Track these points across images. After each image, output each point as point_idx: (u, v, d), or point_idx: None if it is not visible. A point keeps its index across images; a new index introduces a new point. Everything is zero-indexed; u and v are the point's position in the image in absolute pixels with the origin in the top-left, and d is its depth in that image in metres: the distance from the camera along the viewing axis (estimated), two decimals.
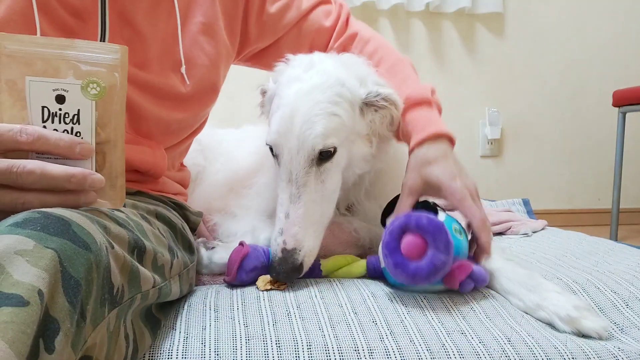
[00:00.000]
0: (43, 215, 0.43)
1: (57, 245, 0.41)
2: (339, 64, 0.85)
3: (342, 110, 0.79)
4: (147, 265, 0.58)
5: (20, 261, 0.38)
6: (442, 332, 0.63)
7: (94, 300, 0.43)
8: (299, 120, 0.76)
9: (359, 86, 0.83)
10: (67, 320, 0.39)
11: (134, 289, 0.52)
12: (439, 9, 2.54)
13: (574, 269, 0.83)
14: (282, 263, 0.73)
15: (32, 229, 0.41)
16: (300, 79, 0.80)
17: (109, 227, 0.51)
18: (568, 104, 2.77)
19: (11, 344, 0.34)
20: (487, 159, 2.74)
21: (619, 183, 2.29)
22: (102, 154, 0.53)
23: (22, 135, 0.48)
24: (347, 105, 0.80)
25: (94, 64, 0.51)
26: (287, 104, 0.78)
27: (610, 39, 2.76)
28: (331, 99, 0.78)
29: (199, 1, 0.86)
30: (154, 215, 0.73)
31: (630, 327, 0.67)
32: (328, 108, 0.78)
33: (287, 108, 0.77)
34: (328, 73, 0.81)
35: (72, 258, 0.41)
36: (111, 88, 0.52)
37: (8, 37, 0.49)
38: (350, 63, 0.87)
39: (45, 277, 0.38)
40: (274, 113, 0.80)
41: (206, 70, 0.87)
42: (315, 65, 0.83)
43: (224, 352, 0.58)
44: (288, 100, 0.78)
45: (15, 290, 0.36)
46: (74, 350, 0.40)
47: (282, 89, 0.81)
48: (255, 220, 0.95)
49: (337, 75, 0.81)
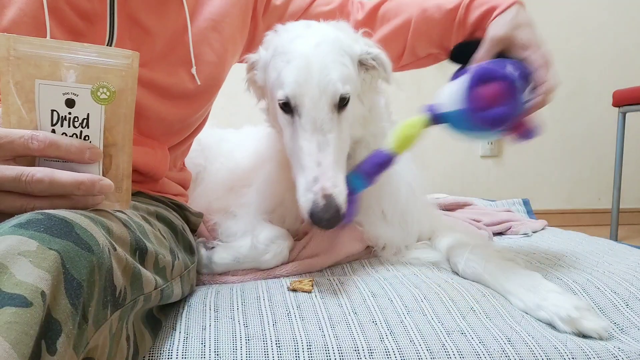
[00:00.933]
0: (46, 216, 0.44)
1: (60, 246, 0.41)
2: (332, 25, 0.87)
3: (348, 62, 0.82)
4: (149, 266, 0.58)
5: (23, 262, 0.38)
6: (442, 332, 0.63)
7: (96, 302, 0.43)
8: (316, 68, 0.77)
9: (353, 44, 0.85)
10: (69, 322, 0.39)
11: (136, 291, 0.52)
12: None
13: (574, 269, 0.83)
14: (326, 210, 0.71)
15: (35, 230, 0.41)
16: (303, 35, 0.82)
17: (112, 229, 0.51)
18: (568, 103, 2.77)
19: (14, 344, 0.34)
20: (487, 159, 2.74)
21: (619, 183, 2.29)
22: (109, 157, 0.54)
23: (33, 142, 0.48)
24: (349, 59, 0.83)
25: (104, 69, 0.51)
26: (299, 55, 0.78)
27: (610, 39, 2.76)
28: (337, 51, 0.80)
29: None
30: (154, 216, 0.73)
31: (630, 327, 0.67)
32: (338, 57, 0.80)
33: (301, 59, 0.78)
34: (326, 31, 0.83)
35: (74, 260, 0.41)
36: (120, 92, 0.52)
37: (18, 39, 0.49)
38: (341, 26, 0.89)
39: (47, 279, 0.38)
40: (282, 69, 0.79)
41: (213, 67, 0.88)
42: (312, 26, 0.85)
43: (224, 352, 0.58)
44: (299, 53, 0.79)
45: (19, 291, 0.36)
46: (75, 352, 0.40)
47: (286, 46, 0.81)
48: (255, 219, 0.95)
49: (334, 33, 0.83)
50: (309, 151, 0.76)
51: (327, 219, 0.71)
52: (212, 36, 0.87)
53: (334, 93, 0.77)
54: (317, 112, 0.76)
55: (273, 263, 0.86)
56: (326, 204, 0.71)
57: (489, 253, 0.87)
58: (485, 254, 0.85)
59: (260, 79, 0.89)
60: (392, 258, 0.93)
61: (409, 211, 0.98)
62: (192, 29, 0.83)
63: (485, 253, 0.86)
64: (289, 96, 0.78)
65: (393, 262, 0.91)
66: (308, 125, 0.77)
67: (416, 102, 2.32)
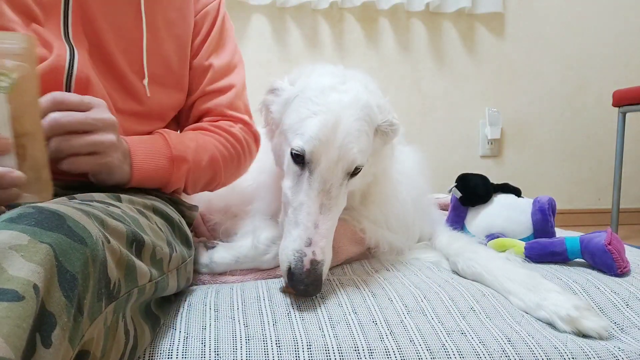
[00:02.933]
0: (37, 210, 0.44)
1: (52, 240, 0.41)
2: (364, 86, 0.83)
3: (370, 131, 0.80)
4: (145, 258, 0.58)
5: (15, 256, 0.38)
6: (442, 332, 0.63)
7: (91, 294, 0.43)
8: (342, 132, 0.74)
9: (378, 112, 0.83)
10: (63, 315, 0.39)
11: (130, 283, 0.52)
12: (439, 9, 2.54)
13: (574, 269, 0.83)
14: (309, 275, 0.70)
15: (26, 224, 0.41)
16: (338, 89, 0.79)
17: (106, 221, 0.50)
18: (568, 103, 2.77)
19: (7, 338, 0.34)
20: (487, 159, 2.74)
21: (619, 183, 2.29)
22: (23, 147, 0.52)
23: None
24: (371, 127, 0.81)
25: (0, 55, 0.49)
26: (328, 111, 0.75)
27: (610, 39, 2.76)
28: (365, 118, 0.78)
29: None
30: (150, 209, 0.73)
31: (630, 327, 0.67)
32: (364, 126, 0.77)
33: (330, 116, 0.75)
34: (360, 94, 0.80)
35: (67, 252, 0.41)
36: (22, 79, 0.50)
37: None
38: (371, 89, 0.85)
39: (40, 272, 0.38)
40: (306, 118, 0.76)
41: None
42: (348, 82, 0.81)
43: (224, 352, 0.58)
44: (329, 108, 0.75)
45: (10, 286, 0.36)
46: (71, 345, 0.40)
47: (316, 94, 0.78)
48: (256, 220, 0.95)
49: (366, 97, 0.80)
50: (309, 210, 0.73)
51: (307, 284, 0.69)
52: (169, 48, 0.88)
53: (352, 163, 0.75)
54: (330, 176, 0.74)
55: (273, 264, 0.86)
56: (310, 269, 0.70)
57: (488, 253, 0.87)
58: (485, 254, 0.85)
59: (276, 110, 0.86)
60: (392, 258, 0.93)
61: (411, 215, 0.98)
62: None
63: (485, 253, 0.86)
64: (307, 150, 0.74)
65: (393, 262, 0.91)
66: (316, 184, 0.74)
67: (416, 102, 2.34)
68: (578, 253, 0.85)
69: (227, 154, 0.91)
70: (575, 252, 0.85)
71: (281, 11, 2.45)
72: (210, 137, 0.90)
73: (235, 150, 0.94)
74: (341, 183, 0.76)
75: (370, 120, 0.79)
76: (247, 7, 2.40)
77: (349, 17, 2.49)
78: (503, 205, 1.04)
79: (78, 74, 0.75)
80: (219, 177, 0.91)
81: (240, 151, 0.95)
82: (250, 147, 0.99)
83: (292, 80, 0.86)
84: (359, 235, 0.91)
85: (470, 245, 0.91)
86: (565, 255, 0.86)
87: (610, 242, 0.80)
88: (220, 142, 0.91)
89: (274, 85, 0.87)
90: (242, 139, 0.96)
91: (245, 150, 0.97)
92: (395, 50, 2.56)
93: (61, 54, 0.74)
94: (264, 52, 2.44)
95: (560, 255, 0.87)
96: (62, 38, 0.76)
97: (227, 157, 0.91)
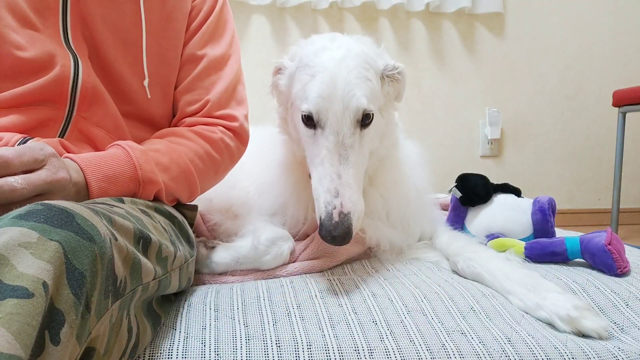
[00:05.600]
0: (46, 207, 0.44)
1: (61, 237, 0.41)
2: (356, 39, 0.88)
3: (372, 77, 0.83)
4: (151, 256, 0.58)
5: (24, 253, 0.38)
6: (442, 332, 0.63)
7: (98, 292, 0.43)
8: (340, 84, 0.78)
9: (377, 58, 0.86)
10: (72, 312, 0.39)
11: (135, 280, 0.52)
12: (439, 9, 2.54)
13: (574, 269, 0.83)
14: (337, 227, 0.72)
15: (35, 221, 0.41)
16: (329, 48, 0.83)
17: (114, 219, 0.51)
18: (568, 103, 2.77)
19: (17, 335, 0.34)
20: (487, 158, 2.74)
21: (619, 183, 2.28)
22: None
23: None
24: (374, 73, 0.84)
25: None
26: (324, 69, 0.80)
27: (610, 39, 2.76)
28: (362, 65, 0.81)
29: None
30: (153, 209, 0.73)
31: (630, 327, 0.67)
32: (362, 73, 0.81)
33: (326, 73, 0.79)
34: (351, 45, 0.84)
35: (76, 250, 0.41)
36: None
37: None
38: (365, 40, 0.90)
39: (49, 269, 0.38)
40: (307, 82, 0.81)
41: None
42: (337, 39, 0.86)
43: (224, 352, 0.58)
44: (324, 67, 0.80)
45: (20, 282, 0.36)
46: (78, 342, 0.40)
47: (311, 59, 0.83)
48: (256, 220, 0.95)
49: (359, 47, 0.84)
50: (330, 162, 0.77)
51: (334, 236, 0.72)
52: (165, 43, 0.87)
53: (358, 108, 0.79)
54: (340, 127, 0.78)
55: (273, 264, 0.86)
56: (339, 221, 0.73)
57: (488, 253, 0.87)
58: (485, 254, 0.85)
59: (284, 85, 0.91)
60: (392, 258, 0.93)
61: (412, 213, 0.98)
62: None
63: (485, 253, 0.86)
64: (313, 111, 0.79)
65: (393, 262, 0.91)
66: (330, 138, 0.78)
67: (416, 102, 2.33)
68: (578, 253, 0.85)
69: (202, 166, 0.84)
70: (575, 252, 0.85)
71: (281, 11, 2.45)
72: (185, 148, 0.82)
73: (212, 161, 0.86)
74: (353, 132, 0.79)
75: (369, 66, 0.83)
76: (247, 7, 2.40)
77: (349, 17, 2.49)
78: (503, 205, 1.04)
79: (83, 84, 0.75)
80: (195, 191, 0.85)
81: (218, 160, 0.88)
82: (232, 151, 0.91)
83: (291, 56, 0.91)
84: (359, 235, 0.91)
85: (470, 245, 0.91)
86: (565, 255, 0.86)
87: (610, 242, 0.80)
88: (196, 152, 0.83)
89: (278, 64, 0.92)
90: (222, 145, 0.88)
91: (225, 157, 0.90)
92: (395, 50, 2.56)
93: (66, 63, 0.73)
94: (264, 52, 2.44)
95: (560, 255, 0.87)
96: (63, 44, 0.75)
97: (203, 170, 0.84)
